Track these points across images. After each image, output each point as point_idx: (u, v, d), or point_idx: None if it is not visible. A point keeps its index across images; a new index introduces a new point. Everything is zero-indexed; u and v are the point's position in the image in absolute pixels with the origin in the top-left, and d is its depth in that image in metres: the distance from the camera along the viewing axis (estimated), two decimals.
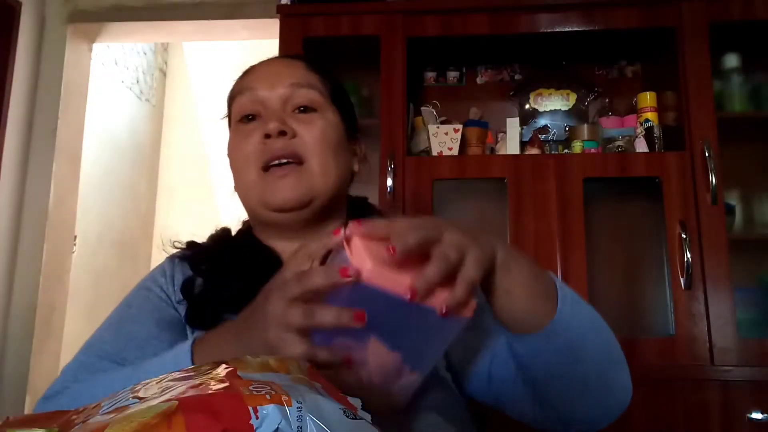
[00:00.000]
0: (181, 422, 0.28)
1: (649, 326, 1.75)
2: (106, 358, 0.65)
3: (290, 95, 0.71)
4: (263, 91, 0.71)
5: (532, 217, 1.64)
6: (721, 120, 1.64)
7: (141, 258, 3.31)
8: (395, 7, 1.79)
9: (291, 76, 0.72)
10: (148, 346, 0.66)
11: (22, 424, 0.35)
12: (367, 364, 0.49)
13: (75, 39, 2.49)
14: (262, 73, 0.74)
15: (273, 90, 0.71)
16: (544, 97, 1.99)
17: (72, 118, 2.49)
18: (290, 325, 0.47)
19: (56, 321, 2.43)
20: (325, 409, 0.32)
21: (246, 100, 0.72)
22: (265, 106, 0.71)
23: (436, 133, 1.79)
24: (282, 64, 0.75)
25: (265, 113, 0.71)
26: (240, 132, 0.72)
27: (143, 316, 0.69)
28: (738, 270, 1.63)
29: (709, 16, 1.68)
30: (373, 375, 0.50)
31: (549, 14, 1.76)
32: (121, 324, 0.69)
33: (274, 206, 0.70)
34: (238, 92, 0.73)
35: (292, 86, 0.71)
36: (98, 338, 0.68)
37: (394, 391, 0.52)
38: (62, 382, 0.65)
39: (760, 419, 1.47)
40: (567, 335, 0.59)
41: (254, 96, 0.71)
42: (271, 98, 0.71)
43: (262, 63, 0.76)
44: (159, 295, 0.71)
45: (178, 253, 0.78)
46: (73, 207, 2.55)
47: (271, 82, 0.71)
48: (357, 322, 0.45)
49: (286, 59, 0.76)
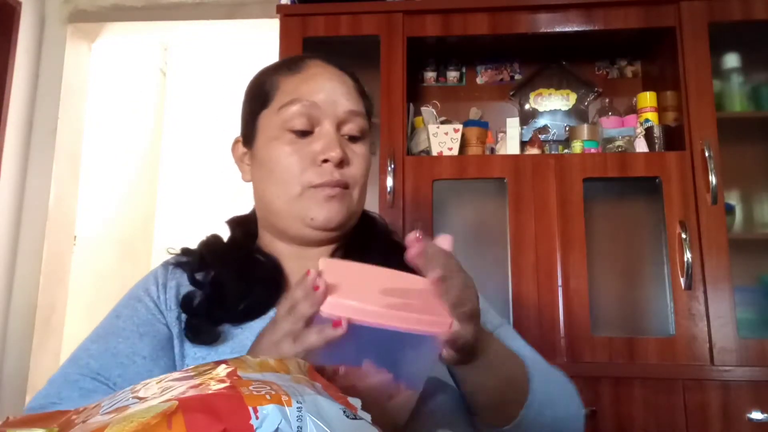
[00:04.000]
0: (181, 422, 0.27)
1: (649, 326, 1.75)
2: (89, 374, 0.64)
3: (346, 120, 0.71)
4: (323, 110, 0.70)
5: (532, 217, 1.65)
6: (721, 120, 1.64)
7: (141, 258, 3.31)
8: (395, 7, 1.79)
9: (349, 99, 0.72)
10: (131, 365, 0.65)
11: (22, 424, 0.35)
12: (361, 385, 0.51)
13: (75, 39, 2.49)
14: (321, 85, 0.72)
15: (332, 111, 0.70)
16: (544, 97, 1.99)
17: (72, 118, 2.49)
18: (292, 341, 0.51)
19: (56, 321, 2.43)
20: (325, 408, 0.32)
21: (302, 113, 0.70)
22: (321, 125, 0.70)
23: (436, 133, 1.79)
24: (338, 79, 0.73)
25: (320, 132, 0.70)
26: (291, 143, 0.70)
27: (129, 330, 0.68)
28: (738, 270, 1.63)
29: (709, 16, 1.68)
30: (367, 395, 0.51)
31: (549, 14, 1.76)
32: (108, 337, 0.68)
33: (317, 224, 0.70)
34: (293, 99, 0.71)
35: (350, 113, 0.71)
36: (85, 350, 0.68)
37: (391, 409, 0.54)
38: (46, 395, 0.64)
39: (760, 419, 1.47)
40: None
41: (313, 111, 0.70)
42: (329, 117, 0.70)
43: (319, 69, 0.73)
44: (148, 306, 0.70)
45: (171, 259, 0.77)
46: (73, 207, 2.55)
47: (331, 101, 0.71)
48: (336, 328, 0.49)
49: (338, 72, 0.74)
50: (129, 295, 0.74)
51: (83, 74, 2.58)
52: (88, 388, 0.64)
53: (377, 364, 0.52)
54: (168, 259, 0.78)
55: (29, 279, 2.29)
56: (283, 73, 0.74)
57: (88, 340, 0.69)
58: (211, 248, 0.77)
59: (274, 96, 0.73)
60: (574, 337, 1.57)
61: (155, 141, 3.53)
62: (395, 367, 0.53)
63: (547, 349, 1.56)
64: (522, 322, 1.59)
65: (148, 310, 0.70)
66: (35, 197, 2.33)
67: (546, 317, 1.58)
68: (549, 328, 1.58)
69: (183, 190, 3.50)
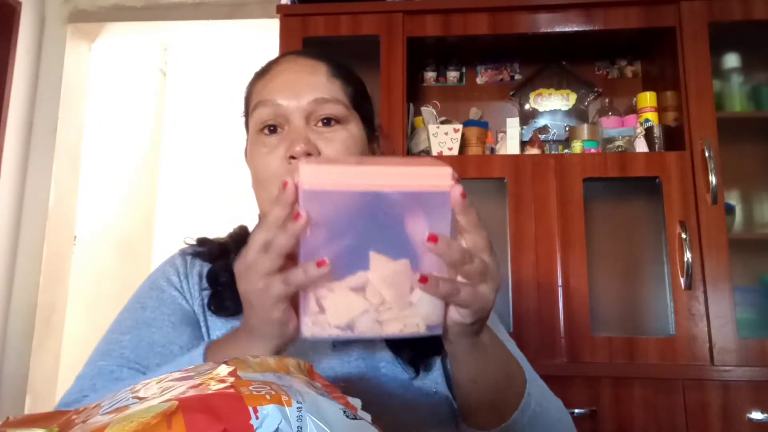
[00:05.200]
0: (181, 422, 0.28)
1: (649, 326, 1.75)
2: (125, 365, 0.64)
3: (313, 110, 0.69)
4: (285, 105, 0.69)
5: (532, 217, 1.65)
6: (721, 120, 1.64)
7: (141, 258, 3.31)
8: (395, 7, 1.79)
9: (314, 88, 0.70)
10: (169, 353, 0.65)
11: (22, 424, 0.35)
12: (374, 282, 0.47)
13: (75, 39, 2.49)
14: (285, 82, 0.71)
15: (296, 102, 0.69)
16: (544, 97, 1.99)
17: (72, 118, 2.49)
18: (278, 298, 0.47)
19: (56, 321, 2.43)
20: (325, 409, 0.32)
21: (268, 112, 0.70)
22: (288, 120, 0.69)
23: (436, 133, 1.79)
24: (305, 70, 0.72)
25: (289, 128, 0.69)
26: (262, 144, 0.70)
27: (160, 319, 0.68)
28: (738, 270, 1.64)
29: (709, 16, 1.68)
30: (385, 292, 0.47)
31: (549, 14, 1.76)
32: (139, 328, 0.68)
33: None
34: (258, 102, 0.71)
35: (316, 101, 0.69)
36: (116, 342, 0.67)
37: (418, 302, 0.48)
38: (79, 389, 0.63)
39: (760, 419, 1.47)
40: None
41: (277, 110, 0.69)
42: (294, 113, 0.69)
43: (284, 68, 0.73)
44: (173, 295, 0.71)
45: (188, 249, 0.77)
46: (73, 207, 2.55)
47: (294, 94, 0.69)
48: (298, 220, 0.44)
49: (309, 62, 0.73)
50: (149, 286, 0.73)
51: (83, 74, 2.58)
52: (125, 378, 0.63)
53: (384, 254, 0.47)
54: (184, 249, 0.78)
55: (29, 279, 2.29)
56: (256, 79, 0.75)
57: (116, 333, 0.69)
58: (235, 237, 0.78)
59: (250, 103, 0.74)
60: (574, 337, 1.57)
61: (155, 141, 3.53)
62: (405, 253, 0.47)
63: (547, 349, 1.56)
64: (522, 322, 1.59)
65: (174, 299, 0.71)
66: (35, 197, 2.33)
67: (546, 317, 1.58)
68: (549, 328, 1.58)
69: (183, 190, 3.50)
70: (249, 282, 0.49)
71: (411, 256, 0.47)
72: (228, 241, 0.77)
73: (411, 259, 0.47)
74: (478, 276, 0.49)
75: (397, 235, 0.47)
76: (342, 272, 0.46)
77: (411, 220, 0.47)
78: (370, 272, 0.47)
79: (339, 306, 0.47)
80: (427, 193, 0.47)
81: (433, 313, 0.49)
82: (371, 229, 0.46)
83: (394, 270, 0.47)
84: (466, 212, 0.48)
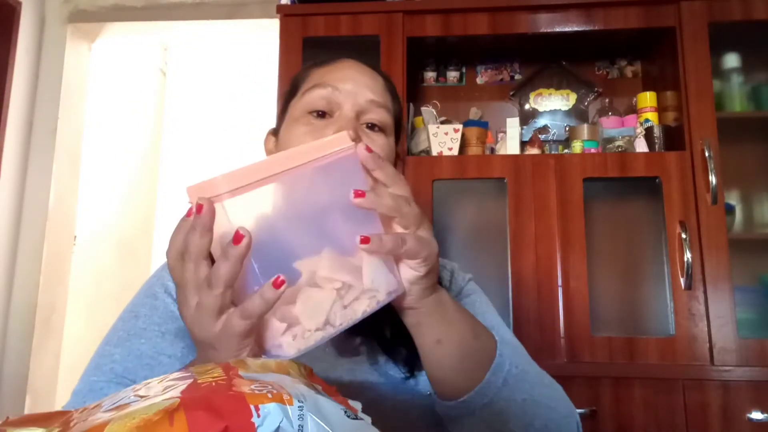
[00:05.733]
0: (182, 419, 0.28)
1: (649, 326, 1.75)
2: (114, 380, 0.64)
3: (367, 110, 0.70)
4: (343, 94, 0.69)
5: (532, 217, 1.65)
6: (721, 120, 1.65)
7: (141, 258, 3.31)
8: (395, 7, 1.79)
9: (373, 91, 0.71)
10: (157, 365, 0.65)
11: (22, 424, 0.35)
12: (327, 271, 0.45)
13: (75, 39, 2.49)
14: (348, 75, 0.72)
15: (353, 97, 0.70)
16: (544, 97, 1.99)
17: (72, 118, 2.49)
18: (242, 335, 0.44)
19: (56, 321, 2.43)
20: (326, 408, 0.32)
21: (323, 96, 0.70)
22: (341, 109, 0.70)
23: (436, 133, 1.79)
24: (368, 74, 0.73)
25: (339, 117, 0.69)
26: (307, 124, 0.70)
27: (150, 329, 0.68)
28: (738, 270, 1.64)
29: (709, 16, 1.68)
30: (340, 276, 0.46)
31: (549, 14, 1.77)
32: (130, 339, 0.68)
33: None
34: (315, 84, 0.71)
35: (372, 102, 0.70)
36: (107, 355, 0.67)
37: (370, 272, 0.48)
38: (75, 403, 0.63)
39: (760, 419, 1.47)
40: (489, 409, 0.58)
41: (334, 96, 0.69)
42: (349, 104, 0.69)
43: (347, 63, 0.74)
44: (165, 302, 0.70)
45: None
46: (73, 207, 2.55)
47: (354, 88, 0.70)
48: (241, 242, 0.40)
49: (371, 71, 0.75)
50: (144, 293, 0.73)
51: (83, 74, 2.58)
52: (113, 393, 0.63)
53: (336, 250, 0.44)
54: None
55: (29, 279, 2.29)
56: (315, 66, 0.76)
57: (109, 344, 0.69)
58: None
59: (302, 85, 0.74)
60: (574, 337, 1.57)
61: (155, 141, 3.53)
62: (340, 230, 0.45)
63: (547, 349, 1.56)
64: (522, 322, 1.59)
65: (167, 306, 0.70)
66: (35, 197, 2.33)
67: (546, 317, 1.58)
68: (549, 328, 1.58)
69: (183, 190, 3.50)
70: (203, 327, 0.44)
71: (346, 235, 0.46)
72: None
73: (347, 237, 0.46)
74: (415, 220, 0.48)
75: (328, 218, 0.46)
76: (292, 276, 0.44)
77: (334, 196, 0.45)
78: (319, 263, 0.45)
79: (309, 309, 0.45)
80: (335, 161, 0.46)
81: (387, 276, 0.49)
82: (301, 221, 0.45)
83: (338, 251, 0.46)
84: (379, 166, 0.48)
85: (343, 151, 0.46)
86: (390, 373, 0.68)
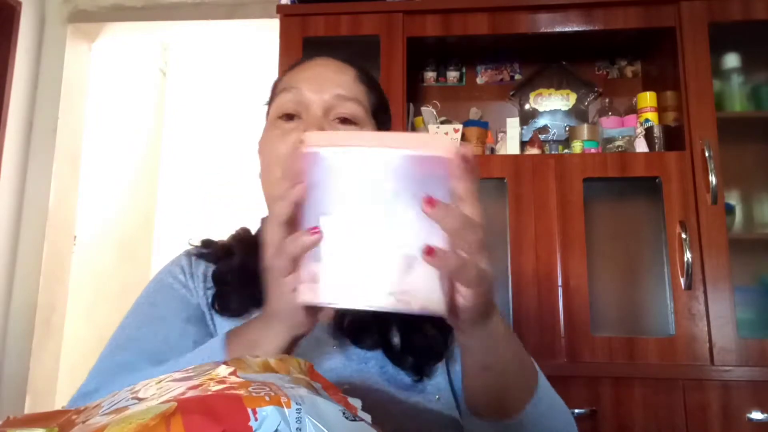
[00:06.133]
0: (179, 423, 0.28)
1: (649, 326, 1.75)
2: (145, 358, 0.64)
3: (334, 105, 0.70)
4: (308, 94, 0.70)
5: (532, 217, 1.65)
6: (721, 120, 1.64)
7: (141, 258, 3.31)
8: (395, 7, 1.79)
9: (339, 85, 0.71)
10: (183, 347, 0.65)
11: (23, 424, 0.35)
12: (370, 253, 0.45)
13: (75, 39, 2.49)
14: (314, 73, 0.72)
15: (318, 95, 0.70)
16: (544, 97, 1.99)
17: (72, 118, 2.49)
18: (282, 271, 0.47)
19: (56, 321, 2.43)
20: (324, 410, 0.32)
21: (289, 99, 0.71)
22: (308, 109, 0.70)
23: (436, 133, 1.79)
24: (334, 69, 0.73)
25: (306, 117, 0.70)
26: (277, 128, 0.71)
27: (172, 315, 0.69)
28: (738, 270, 1.63)
29: (709, 16, 1.68)
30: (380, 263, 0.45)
31: (549, 14, 1.76)
32: (153, 324, 0.68)
33: None
34: (283, 88, 0.72)
35: (338, 97, 0.70)
36: (131, 338, 0.67)
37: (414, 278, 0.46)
38: (98, 381, 0.63)
39: (760, 419, 1.47)
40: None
41: (299, 96, 0.70)
42: (315, 103, 0.70)
43: (314, 62, 0.74)
44: (180, 292, 0.71)
45: (193, 250, 0.78)
46: (73, 207, 2.55)
47: (318, 87, 0.70)
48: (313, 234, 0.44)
49: (339, 64, 0.74)
50: (156, 285, 0.73)
51: (83, 74, 2.58)
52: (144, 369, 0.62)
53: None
54: (189, 249, 0.78)
55: (29, 279, 2.29)
56: (285, 71, 0.77)
57: (129, 328, 0.69)
58: (239, 239, 0.78)
59: (275, 90, 0.75)
60: (574, 337, 1.57)
61: (155, 141, 3.53)
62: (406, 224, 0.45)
63: (547, 349, 1.56)
64: (522, 322, 1.59)
65: (183, 296, 0.71)
66: (35, 197, 2.33)
67: (546, 317, 1.58)
68: (549, 328, 1.58)
69: (183, 190, 3.50)
70: (265, 258, 0.49)
71: (413, 230, 0.44)
72: (231, 243, 0.78)
73: (411, 233, 0.44)
74: (476, 248, 0.45)
75: (399, 206, 0.45)
76: (338, 240, 0.45)
77: (412, 188, 0.44)
78: (366, 242, 0.45)
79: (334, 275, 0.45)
80: (428, 157, 0.44)
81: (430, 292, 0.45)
82: (371, 199, 0.45)
83: (390, 241, 0.45)
84: (466, 178, 0.45)
85: (442, 154, 0.45)
86: (398, 377, 0.68)
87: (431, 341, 0.69)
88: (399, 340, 0.69)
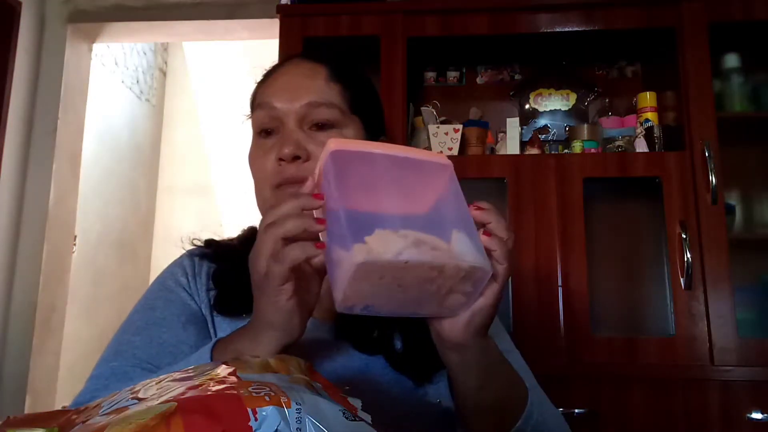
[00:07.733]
0: (179, 424, 0.27)
1: (649, 326, 1.75)
2: (138, 365, 0.65)
3: (306, 113, 0.70)
4: (280, 107, 0.70)
5: (532, 217, 1.64)
6: (721, 120, 1.64)
7: (141, 258, 3.31)
8: (395, 7, 1.78)
9: (309, 91, 0.70)
10: (179, 353, 0.65)
11: (23, 424, 0.35)
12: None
13: (75, 39, 2.49)
14: (281, 84, 0.72)
15: (290, 105, 0.70)
16: (544, 97, 1.99)
17: (72, 118, 2.49)
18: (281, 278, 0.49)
19: (56, 321, 2.43)
20: (324, 410, 0.32)
21: (264, 115, 0.71)
22: (282, 122, 0.70)
23: (436, 133, 1.79)
24: (303, 74, 0.73)
25: (282, 131, 0.70)
26: (259, 146, 0.72)
27: (169, 319, 0.69)
28: (738, 270, 1.63)
29: (709, 16, 1.68)
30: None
31: (549, 14, 1.76)
32: (149, 329, 0.68)
33: None
34: (258, 104, 0.73)
35: (310, 105, 0.70)
36: (128, 343, 0.67)
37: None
38: (93, 390, 0.64)
39: (760, 419, 1.47)
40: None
41: (272, 112, 0.70)
42: (287, 116, 0.70)
43: (284, 69, 0.74)
44: (181, 296, 0.71)
45: (196, 250, 0.78)
46: (73, 207, 2.55)
47: (289, 97, 0.70)
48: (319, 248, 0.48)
49: (309, 65, 0.74)
50: (158, 287, 0.74)
51: (83, 74, 2.58)
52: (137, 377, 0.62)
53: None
54: (192, 250, 0.78)
55: (29, 279, 2.29)
56: (259, 83, 0.77)
57: (127, 333, 0.69)
58: (243, 239, 0.79)
59: (252, 106, 0.76)
60: (574, 337, 1.57)
61: (155, 141, 3.53)
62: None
63: (547, 348, 1.56)
64: (522, 323, 1.59)
65: (183, 300, 0.71)
66: (35, 197, 2.33)
67: (546, 317, 1.58)
68: (549, 328, 1.58)
69: (183, 190, 3.51)
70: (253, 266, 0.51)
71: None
72: (235, 243, 0.78)
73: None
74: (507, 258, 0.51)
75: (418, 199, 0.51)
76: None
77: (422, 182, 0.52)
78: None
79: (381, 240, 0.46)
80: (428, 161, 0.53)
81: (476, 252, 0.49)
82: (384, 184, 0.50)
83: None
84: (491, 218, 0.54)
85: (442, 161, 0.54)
86: (400, 381, 0.68)
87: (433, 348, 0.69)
88: (401, 345, 0.69)
